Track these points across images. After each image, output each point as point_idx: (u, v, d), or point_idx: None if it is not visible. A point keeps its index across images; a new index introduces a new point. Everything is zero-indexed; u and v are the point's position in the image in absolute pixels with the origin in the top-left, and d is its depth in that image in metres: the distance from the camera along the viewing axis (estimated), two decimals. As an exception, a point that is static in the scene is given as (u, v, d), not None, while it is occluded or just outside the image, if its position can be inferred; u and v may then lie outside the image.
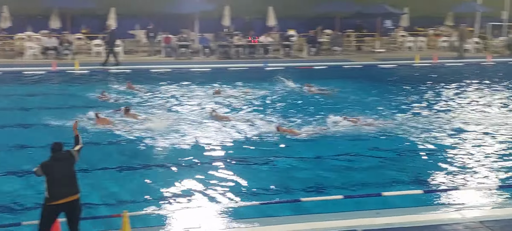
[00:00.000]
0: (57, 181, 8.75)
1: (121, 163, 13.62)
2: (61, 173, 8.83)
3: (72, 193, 8.84)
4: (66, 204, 8.77)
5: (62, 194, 8.73)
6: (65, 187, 8.79)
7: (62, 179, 8.80)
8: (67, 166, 8.98)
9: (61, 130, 16.13)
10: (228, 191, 11.88)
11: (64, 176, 8.83)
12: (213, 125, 16.96)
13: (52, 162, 8.97)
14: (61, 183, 8.76)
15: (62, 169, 8.87)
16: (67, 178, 8.87)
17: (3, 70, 26.41)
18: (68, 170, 8.94)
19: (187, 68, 28.37)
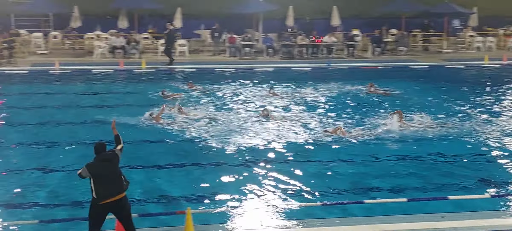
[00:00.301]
0: (103, 181, 8.83)
1: (180, 160, 13.81)
2: (107, 173, 8.89)
3: (119, 192, 8.91)
4: (113, 203, 8.85)
5: (109, 193, 8.81)
6: (111, 186, 8.86)
7: (108, 179, 8.87)
8: (112, 165, 9.04)
9: (125, 126, 16.60)
10: (286, 191, 11.85)
11: (110, 176, 8.90)
12: (269, 125, 16.96)
13: (97, 163, 9.03)
14: (107, 182, 8.84)
15: (107, 169, 8.93)
16: (113, 177, 8.94)
17: (73, 68, 27.28)
18: (113, 169, 9.00)
19: (251, 68, 28.50)
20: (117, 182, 8.97)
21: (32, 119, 17.74)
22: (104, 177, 8.86)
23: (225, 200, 11.36)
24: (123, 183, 9.05)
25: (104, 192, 8.79)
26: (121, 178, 9.06)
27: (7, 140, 15.47)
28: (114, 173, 9.00)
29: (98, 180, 8.84)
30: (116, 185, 8.93)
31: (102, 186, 8.81)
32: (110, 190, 8.84)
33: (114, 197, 8.84)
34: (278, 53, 32.44)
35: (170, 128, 16.59)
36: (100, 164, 8.99)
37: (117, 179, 8.99)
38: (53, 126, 16.97)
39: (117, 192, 8.89)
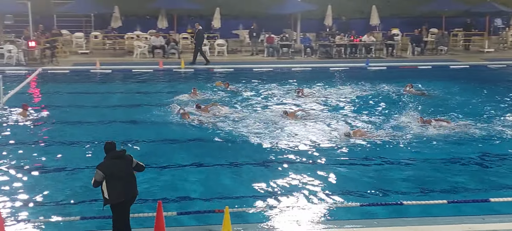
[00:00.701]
0: (116, 180, 8.74)
1: (216, 159, 13.92)
2: (120, 171, 8.83)
3: (134, 193, 8.99)
4: (130, 202, 8.97)
5: (122, 194, 8.79)
6: (125, 186, 8.84)
7: (122, 178, 8.81)
8: (125, 163, 9.00)
9: (162, 125, 16.84)
10: (321, 191, 11.86)
11: (123, 174, 8.85)
12: (299, 125, 16.96)
13: (108, 161, 8.96)
14: (120, 181, 8.78)
15: (120, 166, 8.87)
16: (126, 176, 8.90)
17: (114, 68, 27.71)
18: (126, 167, 8.96)
19: (288, 68, 28.48)
20: (131, 181, 8.95)
21: (73, 117, 18.11)
22: (117, 176, 8.76)
23: (263, 200, 11.40)
24: (135, 183, 9.04)
25: (118, 192, 8.73)
26: (134, 178, 9.04)
27: (51, 137, 15.83)
28: (127, 171, 8.92)
29: (110, 179, 8.71)
30: (130, 184, 8.92)
31: (115, 185, 8.73)
32: (124, 190, 8.80)
33: (127, 197, 8.85)
34: (316, 53, 32.33)
35: (204, 127, 16.75)
36: (111, 162, 8.90)
37: (130, 179, 8.95)
38: (93, 124, 17.28)
39: (131, 193, 8.93)
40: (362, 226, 10.10)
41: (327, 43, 32.40)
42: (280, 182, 12.32)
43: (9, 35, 31.94)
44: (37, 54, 28.87)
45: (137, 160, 9.33)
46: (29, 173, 12.92)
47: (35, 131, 16.54)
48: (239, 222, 9.93)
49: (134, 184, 9.03)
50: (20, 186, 12.05)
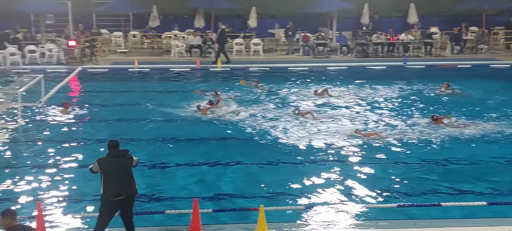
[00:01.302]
0: (113, 178, 8.86)
1: (252, 158, 14.02)
2: (118, 169, 8.93)
3: (128, 192, 8.98)
4: (121, 201, 8.93)
5: (117, 192, 8.85)
6: (121, 184, 8.89)
7: (119, 176, 8.90)
8: (124, 162, 9.07)
9: (195, 123, 17.01)
10: (359, 191, 11.85)
11: (121, 173, 8.93)
12: (334, 124, 17.02)
13: (108, 158, 9.08)
14: (117, 180, 8.87)
15: (119, 165, 8.97)
16: (124, 175, 8.96)
17: (152, 67, 28.06)
18: (125, 167, 9.02)
19: (324, 67, 28.39)
20: (128, 181, 9.00)
21: (112, 115, 18.44)
22: (114, 174, 8.87)
23: (297, 198, 11.44)
24: (134, 184, 9.06)
25: (112, 189, 8.84)
26: (132, 178, 9.08)
27: (90, 135, 16.16)
28: (125, 171, 9.00)
29: (107, 176, 8.87)
30: (126, 184, 8.96)
31: (111, 183, 8.84)
32: (119, 188, 8.87)
33: (122, 196, 8.89)
34: (352, 52, 32.15)
35: (236, 126, 16.89)
36: (111, 160, 9.03)
37: (128, 178, 9.01)
38: (130, 122, 17.57)
39: (127, 192, 8.95)
40: (399, 227, 10.04)
41: (363, 41, 32.18)
42: (314, 181, 12.34)
43: (50, 34, 32.64)
44: (77, 53, 29.42)
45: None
46: (69, 169, 13.23)
47: (75, 128, 16.91)
48: (274, 221, 9.96)
49: (131, 184, 9.06)
50: (60, 182, 12.33)
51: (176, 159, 14.07)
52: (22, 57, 28.23)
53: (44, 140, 15.64)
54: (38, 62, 28.34)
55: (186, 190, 11.92)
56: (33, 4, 30.14)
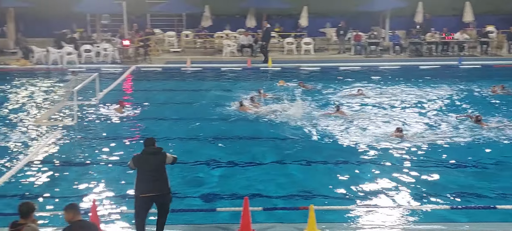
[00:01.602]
0: (145, 175, 9.01)
1: (306, 157, 14.04)
2: (150, 167, 9.06)
3: (159, 190, 9.05)
4: (153, 197, 9.02)
5: (148, 188, 8.97)
6: (152, 182, 9.00)
7: (151, 173, 9.02)
8: (157, 160, 9.17)
9: (246, 123, 17.11)
10: (409, 192, 11.72)
11: (153, 170, 9.05)
12: (381, 124, 16.89)
13: (142, 155, 9.25)
14: (149, 177, 9.00)
15: (151, 163, 9.10)
16: (156, 173, 9.06)
17: (204, 66, 28.38)
18: (157, 165, 9.12)
19: (376, 66, 28.09)
20: (159, 178, 9.08)
21: (165, 113, 18.76)
22: (147, 171, 9.03)
23: (347, 199, 11.40)
24: (166, 182, 9.14)
25: (144, 186, 8.99)
26: (165, 175, 9.15)
27: (144, 133, 16.46)
28: (157, 168, 9.10)
29: (140, 172, 9.06)
30: (157, 181, 9.05)
31: (142, 179, 9.02)
32: (151, 186, 8.99)
33: (152, 193, 9.00)
34: (405, 51, 31.67)
35: (280, 125, 16.96)
36: (145, 156, 9.21)
37: (161, 176, 9.11)
38: (182, 120, 17.85)
39: (157, 189, 9.03)
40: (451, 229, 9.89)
41: (417, 40, 31.67)
42: (364, 182, 12.27)
43: (105, 34, 33.43)
44: (131, 53, 30.00)
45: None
46: (123, 167, 13.51)
47: (129, 126, 17.30)
48: (323, 221, 9.95)
49: (162, 182, 9.14)
50: (114, 179, 12.64)
51: (226, 157, 14.22)
52: (78, 57, 29.01)
53: (99, 137, 16.06)
54: (93, 61, 29.09)
55: (236, 188, 12.03)
56: (89, 5, 30.95)
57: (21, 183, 12.37)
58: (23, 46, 30.36)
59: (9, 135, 16.08)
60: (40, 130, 16.58)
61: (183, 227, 10.01)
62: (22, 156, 14.12)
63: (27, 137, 15.95)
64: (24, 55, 29.84)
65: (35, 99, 20.88)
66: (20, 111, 19.08)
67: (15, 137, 15.91)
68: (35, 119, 17.71)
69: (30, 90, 22.80)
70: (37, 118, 17.81)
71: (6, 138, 15.76)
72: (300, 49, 32.27)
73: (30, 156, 13.97)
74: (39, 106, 19.61)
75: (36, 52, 29.22)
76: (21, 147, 14.99)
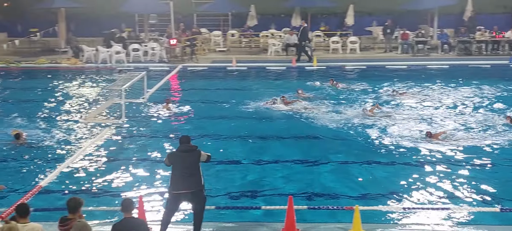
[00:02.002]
0: (178, 172, 9.14)
1: (341, 157, 14.06)
2: (183, 164, 9.16)
3: (190, 187, 9.10)
4: (184, 195, 9.11)
5: (180, 186, 9.07)
6: (185, 179, 9.08)
7: (184, 171, 9.12)
8: (191, 158, 9.25)
9: (291, 121, 17.11)
10: (458, 193, 11.55)
11: (186, 168, 9.14)
12: (428, 124, 16.66)
13: (177, 152, 9.42)
14: (182, 174, 9.10)
15: (185, 160, 9.20)
16: (189, 170, 9.14)
17: (249, 65, 28.50)
18: (191, 162, 9.20)
19: (423, 65, 27.67)
20: (193, 176, 9.15)
21: (211, 112, 18.95)
22: (180, 168, 9.15)
23: (393, 199, 11.29)
24: (198, 180, 9.18)
25: (176, 182, 9.12)
26: (198, 173, 9.21)
27: (190, 131, 16.66)
28: (190, 166, 9.18)
29: (174, 169, 9.20)
30: (188, 179, 9.12)
31: (175, 176, 9.15)
32: (184, 183, 9.09)
33: (185, 190, 9.09)
34: (454, 50, 31.09)
35: (322, 125, 16.93)
36: (178, 154, 9.35)
37: (194, 173, 9.17)
38: (227, 119, 18.01)
39: (189, 187, 9.10)
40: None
41: (466, 39, 31.04)
42: (410, 182, 12.14)
43: (153, 33, 33.96)
44: (178, 52, 30.38)
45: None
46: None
47: (176, 125, 17.55)
48: (368, 221, 9.89)
49: (195, 180, 9.19)
50: (161, 176, 12.79)
51: (267, 155, 14.34)
52: (127, 56, 29.55)
53: (146, 135, 16.34)
54: (141, 60, 29.60)
55: (281, 187, 12.07)
56: (137, 5, 31.49)
57: (70, 179, 12.69)
58: (74, 45, 31.15)
59: (59, 131, 16.51)
60: (88, 127, 16.99)
61: (228, 225, 10.09)
62: (71, 152, 14.49)
63: (76, 134, 16.37)
64: (74, 54, 30.64)
65: (85, 97, 21.39)
66: (69, 108, 19.59)
67: (65, 133, 16.33)
68: (84, 117, 18.14)
69: (79, 88, 23.37)
70: (86, 116, 18.24)
71: (56, 134, 16.19)
72: (346, 48, 32.06)
73: (79, 153, 14.33)
74: (88, 104, 20.07)
75: (86, 51, 29.91)
76: (70, 143, 15.39)
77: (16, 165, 13.73)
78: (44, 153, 14.61)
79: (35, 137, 15.77)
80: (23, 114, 18.50)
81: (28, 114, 18.50)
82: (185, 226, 9.83)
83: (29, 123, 17.39)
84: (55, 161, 13.88)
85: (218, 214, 10.55)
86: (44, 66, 28.80)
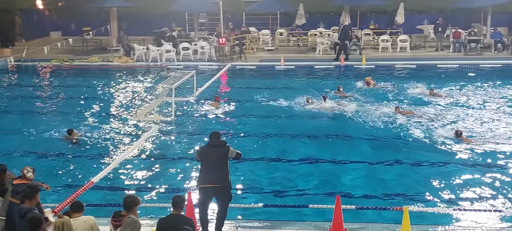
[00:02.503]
0: (206, 166, 9.31)
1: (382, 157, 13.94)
2: (211, 158, 9.30)
3: (217, 182, 9.20)
4: (211, 189, 9.21)
5: (207, 179, 9.23)
6: (211, 173, 9.22)
7: (211, 165, 9.26)
8: (219, 153, 9.34)
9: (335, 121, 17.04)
10: (501, 195, 11.35)
11: (213, 162, 9.27)
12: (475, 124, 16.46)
13: (206, 147, 9.56)
14: (209, 168, 9.25)
15: (212, 155, 9.33)
16: (216, 165, 9.25)
17: (297, 64, 28.44)
18: (218, 157, 9.31)
19: (476, 64, 27.04)
20: (218, 170, 9.25)
21: (259, 110, 19.04)
22: (207, 162, 9.31)
23: (442, 201, 11.17)
24: (224, 175, 9.27)
25: (203, 176, 9.30)
26: (224, 169, 9.30)
27: (238, 129, 16.84)
28: (218, 160, 9.30)
29: (202, 163, 9.38)
30: (216, 173, 9.23)
31: (204, 170, 9.32)
32: (209, 177, 9.24)
33: (210, 184, 9.22)
34: (508, 49, 30.30)
35: (359, 124, 16.90)
36: (207, 148, 9.51)
37: (219, 168, 9.27)
38: (274, 118, 18.06)
39: (215, 181, 9.21)
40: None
41: (521, 38, 30.22)
42: (460, 184, 12.00)
43: (202, 32, 34.31)
44: (227, 51, 30.58)
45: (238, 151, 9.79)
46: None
47: (224, 122, 17.73)
48: (418, 223, 9.80)
49: (221, 175, 9.28)
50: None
51: (313, 153, 14.39)
52: (177, 54, 29.95)
53: (195, 133, 16.56)
54: (191, 59, 29.93)
55: (329, 186, 12.07)
56: (187, 4, 31.85)
57: (120, 176, 13.00)
58: (125, 44, 31.75)
59: (110, 128, 16.91)
60: (139, 125, 17.32)
61: (273, 222, 10.15)
62: (122, 149, 14.83)
63: (127, 131, 16.72)
64: (125, 53, 31.24)
65: (136, 95, 21.79)
66: (121, 106, 20.01)
67: (116, 130, 16.73)
68: (135, 114, 18.49)
69: (130, 86, 23.83)
70: (137, 113, 18.58)
71: (108, 131, 16.59)
72: (396, 47, 31.65)
73: (130, 150, 14.64)
74: (139, 102, 20.44)
75: (136, 50, 30.46)
76: (122, 140, 15.75)
77: (69, 160, 14.13)
78: (96, 149, 14.98)
79: (88, 134, 16.16)
80: (75, 112, 19.00)
81: (80, 112, 19.00)
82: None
83: (81, 120, 17.84)
84: (107, 157, 14.22)
85: (261, 211, 10.65)
86: (96, 64, 29.47)
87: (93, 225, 8.18)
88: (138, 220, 8.19)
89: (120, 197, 9.87)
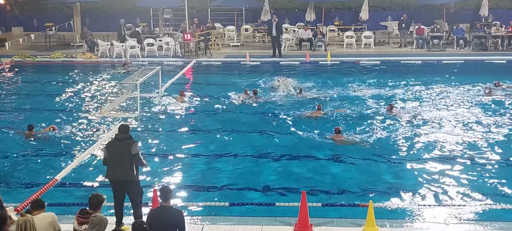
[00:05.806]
0: (111, 159, 9.34)
1: (355, 154, 13.96)
2: (115, 152, 9.30)
3: (119, 177, 9.25)
4: (117, 183, 9.30)
5: (111, 174, 9.33)
6: (115, 168, 9.27)
7: (115, 159, 9.29)
8: (122, 147, 9.29)
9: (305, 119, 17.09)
10: (474, 190, 11.48)
11: (117, 156, 9.27)
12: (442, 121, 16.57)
13: (112, 140, 9.67)
14: (113, 162, 9.30)
15: (117, 149, 9.33)
16: (119, 159, 9.25)
17: (262, 60, 28.41)
18: (122, 152, 9.26)
19: (439, 60, 27.47)
20: (122, 165, 9.24)
21: (223, 106, 18.99)
22: (112, 156, 9.32)
23: (407, 196, 11.28)
24: (129, 169, 9.22)
25: (108, 171, 9.39)
26: (129, 163, 9.23)
27: (202, 125, 16.77)
28: (120, 155, 9.25)
29: (108, 156, 9.39)
30: (118, 168, 9.25)
31: (109, 163, 9.36)
32: (113, 171, 9.32)
33: (114, 179, 9.31)
34: (469, 45, 30.87)
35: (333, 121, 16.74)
36: (113, 142, 9.55)
37: (123, 163, 9.24)
38: (239, 114, 18.03)
39: (119, 176, 9.26)
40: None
41: (482, 34, 30.79)
42: (425, 179, 12.10)
43: (167, 28, 34.04)
44: (192, 47, 30.42)
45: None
46: (184, 156, 13.82)
47: (189, 119, 17.65)
48: (383, 217, 9.89)
49: (123, 169, 9.24)
50: (176, 169, 12.90)
51: (279, 150, 14.36)
52: (141, 50, 29.65)
53: (160, 129, 16.43)
54: (156, 55, 29.68)
55: (297, 182, 12.10)
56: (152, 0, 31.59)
57: (85, 173, 12.80)
58: (89, 40, 31.30)
59: (75, 125, 16.65)
60: (104, 121, 17.10)
61: (241, 219, 10.13)
62: (87, 146, 14.61)
63: (91, 127, 16.49)
64: (89, 49, 30.81)
65: (100, 91, 21.51)
66: (85, 103, 19.72)
67: (81, 127, 16.47)
68: (99, 110, 18.25)
69: (95, 82, 23.51)
70: (102, 109, 18.34)
71: (72, 128, 16.32)
72: (360, 43, 31.94)
73: (94, 147, 14.44)
74: (103, 98, 20.18)
75: (100, 45, 30.06)
76: (86, 137, 15.51)
77: (31, 158, 13.86)
78: (60, 147, 14.74)
79: (51, 132, 15.85)
80: (38, 109, 18.66)
81: (43, 109, 18.66)
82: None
83: (44, 117, 17.52)
84: (71, 154, 13.99)
85: (230, 209, 10.62)
86: (59, 60, 28.98)
87: (52, 221, 8.05)
88: (104, 217, 8.11)
89: (86, 194, 9.72)
